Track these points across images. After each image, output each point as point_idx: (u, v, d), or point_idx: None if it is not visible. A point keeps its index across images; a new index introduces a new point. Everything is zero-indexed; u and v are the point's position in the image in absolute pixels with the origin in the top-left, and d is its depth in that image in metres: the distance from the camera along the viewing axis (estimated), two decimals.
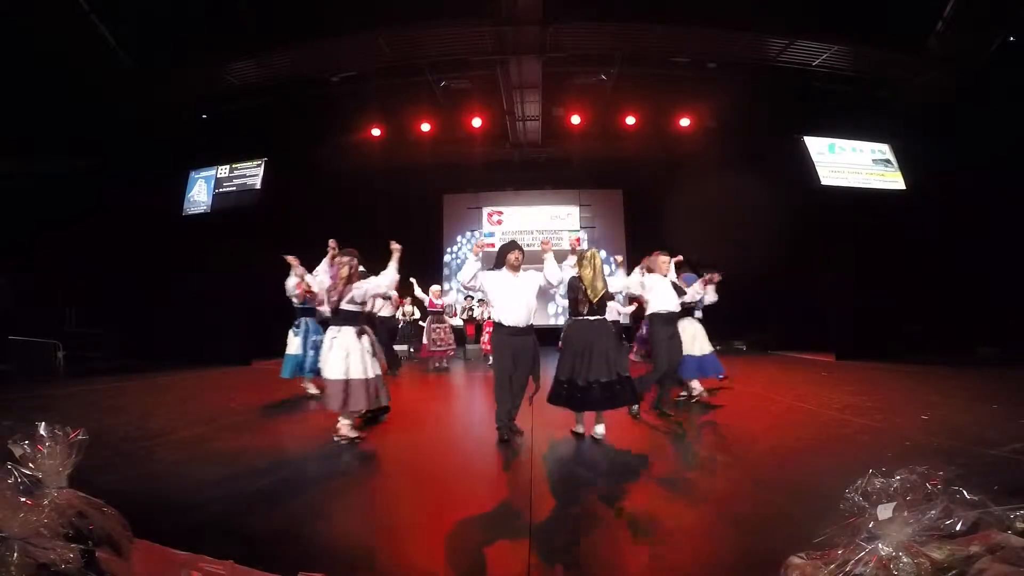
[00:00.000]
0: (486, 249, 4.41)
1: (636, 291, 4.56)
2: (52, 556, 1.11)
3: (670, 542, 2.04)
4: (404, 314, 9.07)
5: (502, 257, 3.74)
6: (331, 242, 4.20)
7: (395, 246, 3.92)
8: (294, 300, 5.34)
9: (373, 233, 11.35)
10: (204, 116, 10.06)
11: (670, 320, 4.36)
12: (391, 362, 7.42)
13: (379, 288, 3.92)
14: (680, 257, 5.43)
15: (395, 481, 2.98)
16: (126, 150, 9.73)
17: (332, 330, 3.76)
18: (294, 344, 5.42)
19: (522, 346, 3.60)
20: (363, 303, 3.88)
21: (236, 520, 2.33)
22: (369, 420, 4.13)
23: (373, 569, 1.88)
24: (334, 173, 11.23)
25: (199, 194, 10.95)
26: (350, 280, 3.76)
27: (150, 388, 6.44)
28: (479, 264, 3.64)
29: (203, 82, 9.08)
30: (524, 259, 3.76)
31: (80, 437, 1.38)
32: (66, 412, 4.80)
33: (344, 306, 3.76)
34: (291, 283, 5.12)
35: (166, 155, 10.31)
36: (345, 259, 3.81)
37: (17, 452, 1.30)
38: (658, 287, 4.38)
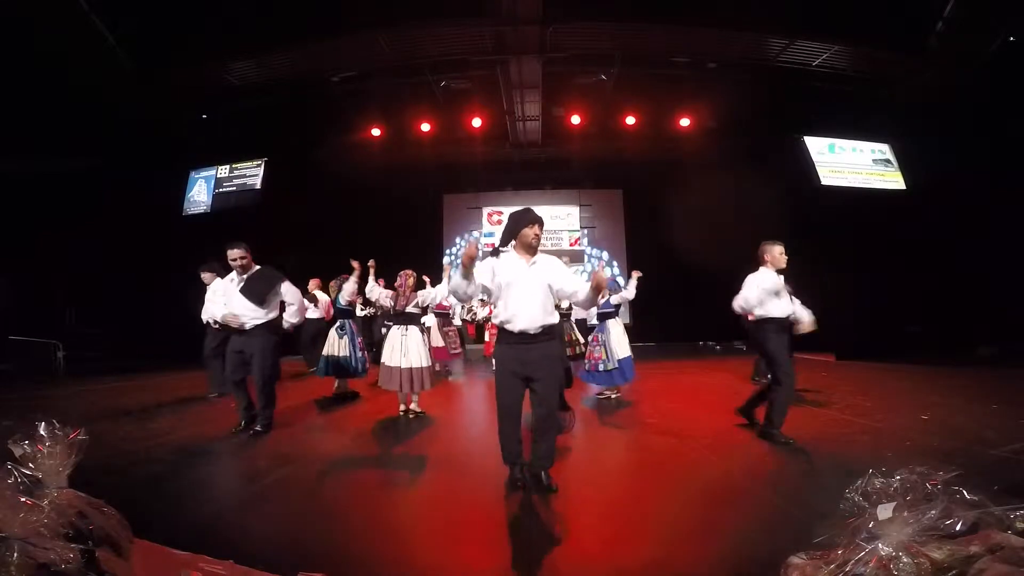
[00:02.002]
0: (485, 250, 4.07)
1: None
2: (52, 556, 1.11)
3: (670, 542, 2.04)
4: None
5: (514, 230, 2.71)
6: (371, 262, 4.77)
7: (447, 264, 4.55)
8: (340, 303, 5.55)
9: (373, 233, 11.43)
10: (204, 116, 10.06)
11: (783, 327, 3.66)
12: (310, 361, 7.67)
13: (435, 298, 4.66)
14: (639, 273, 5.60)
15: (395, 482, 2.98)
16: (126, 150, 9.72)
17: (399, 328, 4.49)
18: (339, 346, 5.43)
19: (538, 359, 2.61)
20: (425, 307, 4.67)
21: (236, 520, 2.33)
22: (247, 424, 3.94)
23: (373, 569, 1.88)
24: (334, 173, 11.22)
25: (199, 194, 10.94)
26: (414, 288, 4.58)
27: (150, 388, 6.44)
28: (467, 281, 2.64)
29: (203, 82, 9.07)
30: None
31: (80, 437, 1.38)
32: (66, 412, 4.80)
33: (408, 309, 4.54)
34: (350, 289, 5.25)
35: (166, 155, 10.30)
36: (409, 271, 4.63)
37: (17, 452, 1.30)
38: (773, 286, 3.62)
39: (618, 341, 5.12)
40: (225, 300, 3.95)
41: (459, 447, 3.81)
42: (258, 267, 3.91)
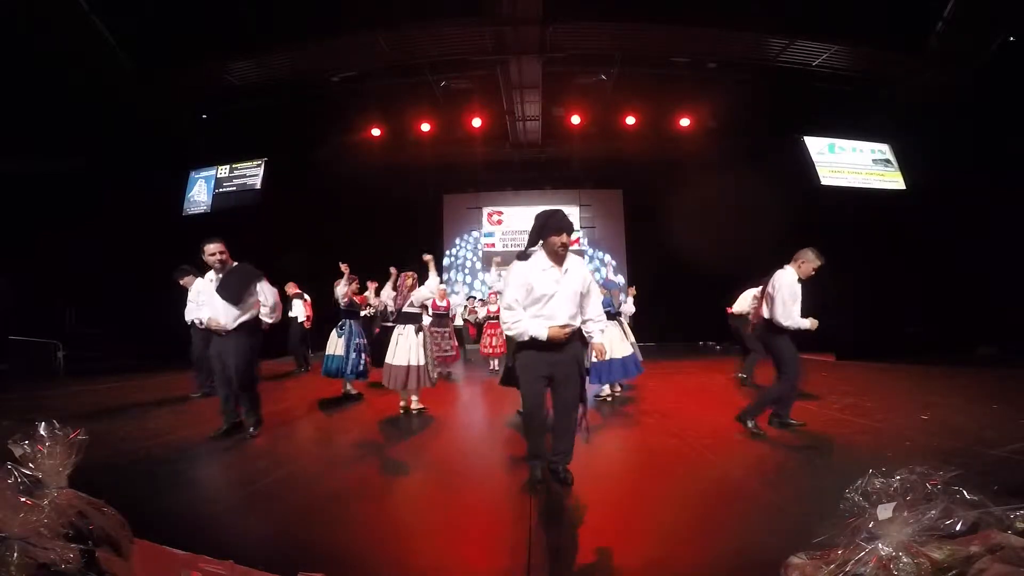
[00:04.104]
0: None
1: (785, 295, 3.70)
2: (52, 556, 1.11)
3: (670, 542, 2.04)
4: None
5: (540, 235, 2.60)
6: (391, 269, 4.98)
7: (427, 257, 4.72)
8: (341, 303, 5.59)
9: (373, 233, 11.42)
10: (204, 116, 10.07)
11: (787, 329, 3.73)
12: (300, 361, 7.84)
13: (428, 295, 4.77)
14: (634, 291, 6.14)
15: (396, 482, 2.98)
16: (126, 150, 9.72)
17: (398, 328, 4.63)
18: (338, 345, 5.46)
19: (565, 360, 2.62)
20: (422, 306, 4.78)
21: (236, 520, 2.33)
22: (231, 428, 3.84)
23: (373, 569, 1.88)
24: (334, 173, 11.24)
25: (199, 194, 10.95)
26: (412, 288, 4.70)
27: (150, 388, 6.44)
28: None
29: (203, 82, 9.08)
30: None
31: (80, 437, 1.38)
32: (66, 412, 4.80)
33: (406, 309, 4.67)
34: (341, 289, 5.46)
35: (166, 155, 10.31)
36: (409, 273, 4.76)
37: (17, 452, 1.30)
38: (799, 292, 3.73)
39: (613, 340, 5.12)
40: (206, 300, 3.82)
41: (459, 447, 3.81)
42: (236, 263, 3.77)
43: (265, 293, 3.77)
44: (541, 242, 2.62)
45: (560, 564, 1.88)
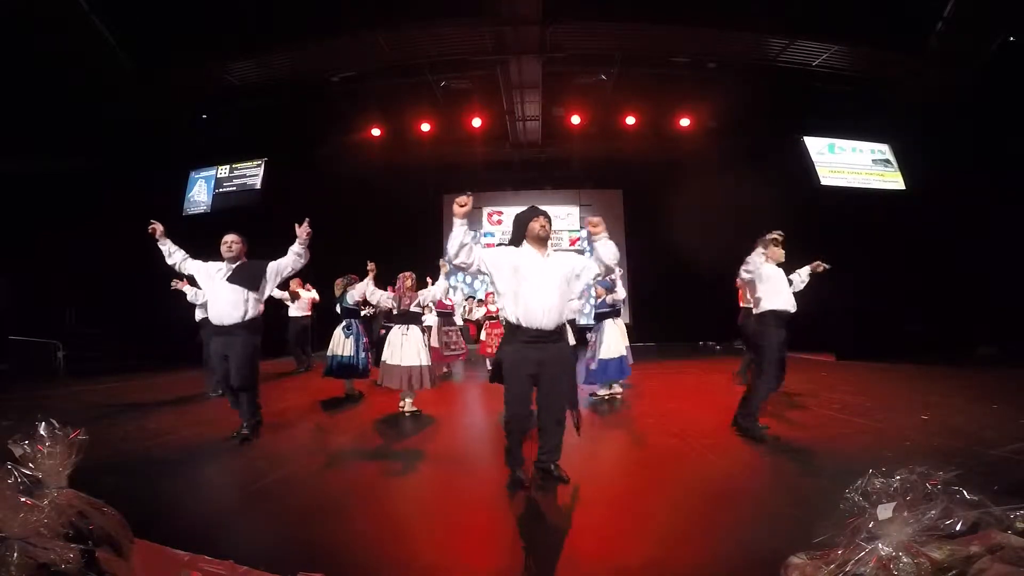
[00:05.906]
0: (484, 239, 3.36)
1: (757, 281, 3.66)
2: (52, 556, 1.11)
3: (670, 542, 2.04)
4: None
5: (521, 228, 2.68)
6: (371, 265, 4.87)
7: (442, 262, 4.69)
8: (348, 302, 5.52)
9: (373, 233, 11.41)
10: (204, 116, 10.06)
11: (783, 321, 3.62)
12: (300, 361, 7.72)
13: (435, 296, 4.84)
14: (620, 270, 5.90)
15: (395, 482, 2.98)
16: (126, 150, 9.72)
17: (400, 327, 4.61)
18: (345, 345, 5.40)
19: (552, 359, 2.55)
20: (425, 306, 4.77)
21: (236, 520, 2.33)
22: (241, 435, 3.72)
23: (373, 569, 1.88)
24: (334, 173, 11.23)
25: (199, 194, 10.95)
26: (413, 288, 4.71)
27: (150, 388, 6.45)
28: (469, 231, 2.51)
29: (203, 82, 9.07)
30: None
31: (80, 437, 1.38)
32: (66, 412, 4.80)
33: (411, 309, 4.65)
34: (361, 288, 5.23)
35: (166, 155, 10.31)
36: (408, 273, 4.76)
37: (17, 452, 1.30)
38: (776, 278, 3.64)
39: (608, 341, 5.10)
40: (209, 294, 3.76)
41: (459, 446, 3.81)
42: (247, 260, 3.86)
43: (272, 269, 3.85)
44: (525, 238, 2.69)
45: (559, 564, 1.88)
